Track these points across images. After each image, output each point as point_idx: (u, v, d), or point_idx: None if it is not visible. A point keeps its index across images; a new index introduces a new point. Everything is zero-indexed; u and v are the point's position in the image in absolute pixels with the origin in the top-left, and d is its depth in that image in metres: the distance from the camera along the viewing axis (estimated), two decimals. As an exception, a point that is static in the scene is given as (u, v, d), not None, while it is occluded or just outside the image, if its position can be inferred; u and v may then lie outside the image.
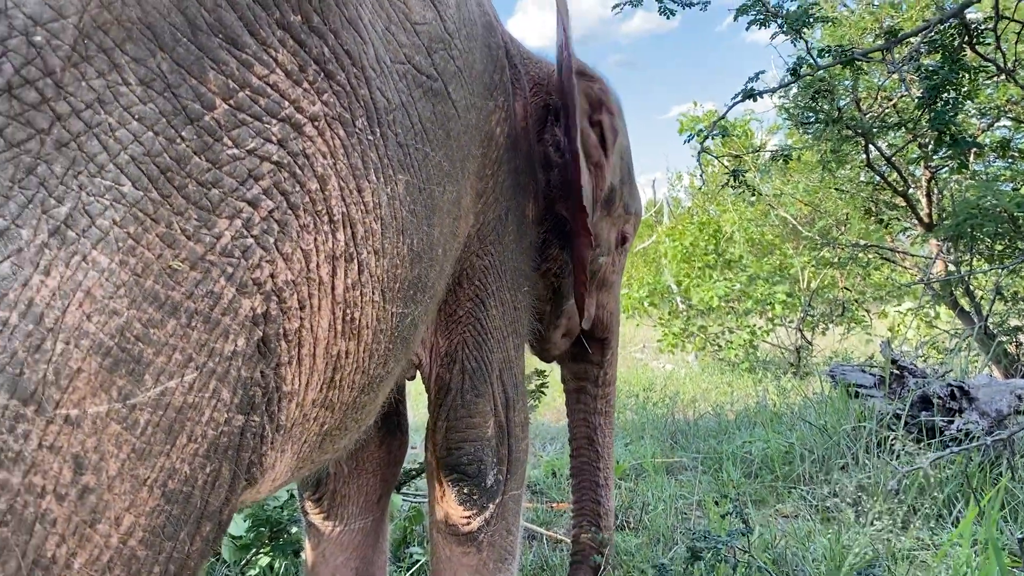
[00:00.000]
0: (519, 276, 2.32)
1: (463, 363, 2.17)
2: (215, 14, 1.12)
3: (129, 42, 1.03)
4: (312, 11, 1.26)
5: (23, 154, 0.94)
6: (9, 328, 0.93)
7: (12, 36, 0.93)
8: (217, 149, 1.13)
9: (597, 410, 3.19)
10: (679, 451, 6.26)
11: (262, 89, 1.18)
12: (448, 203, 1.76)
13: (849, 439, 5.22)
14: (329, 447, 1.65)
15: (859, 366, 6.09)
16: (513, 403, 2.31)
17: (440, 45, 1.68)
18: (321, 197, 1.29)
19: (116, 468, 1.05)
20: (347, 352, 1.45)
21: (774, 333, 11.83)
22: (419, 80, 1.58)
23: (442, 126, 1.67)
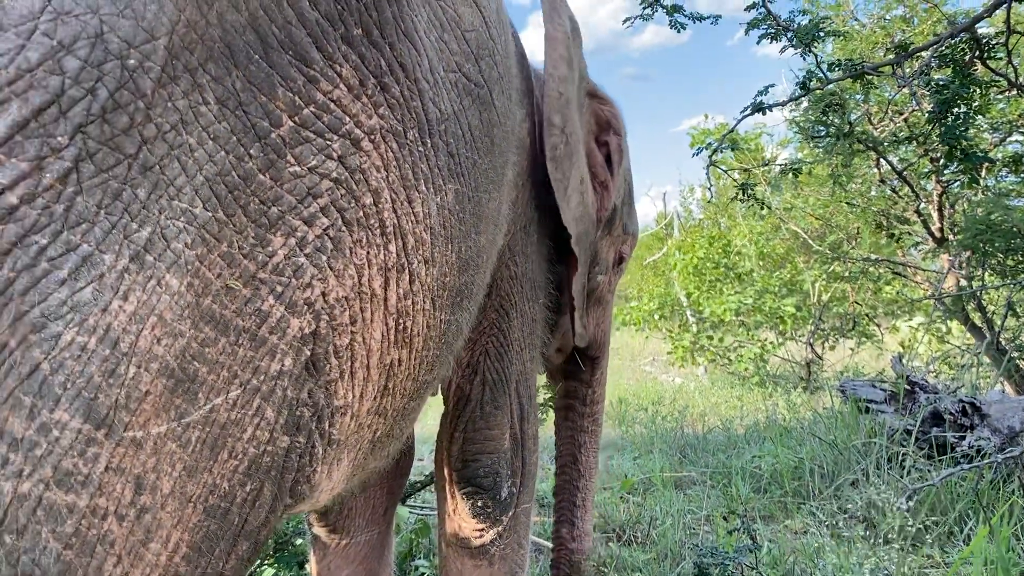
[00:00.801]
0: (537, 288, 2.31)
1: (484, 374, 2.16)
2: (286, 31, 1.12)
3: (211, 61, 1.04)
4: (372, 24, 1.26)
5: (111, 179, 0.94)
6: (88, 353, 0.94)
7: (108, 60, 0.92)
8: (280, 167, 1.13)
9: (583, 428, 3.18)
10: (688, 465, 6.23)
11: (326, 105, 1.19)
12: (492, 211, 1.76)
13: (859, 455, 5.19)
14: (378, 453, 1.65)
15: (870, 381, 6.06)
16: (527, 415, 2.31)
17: (486, 52, 1.68)
18: (374, 211, 1.29)
19: (169, 487, 1.06)
20: (400, 360, 1.46)
21: (784, 347, 11.77)
22: (468, 88, 1.59)
23: (487, 133, 1.67)
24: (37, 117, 0.88)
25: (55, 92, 0.89)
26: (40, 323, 0.90)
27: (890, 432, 5.14)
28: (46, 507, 0.92)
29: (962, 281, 6.59)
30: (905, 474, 4.77)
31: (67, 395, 0.93)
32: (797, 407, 8.12)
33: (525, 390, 2.29)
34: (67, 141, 0.90)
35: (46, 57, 0.88)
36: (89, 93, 0.91)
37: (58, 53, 0.89)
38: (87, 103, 0.91)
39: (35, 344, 0.90)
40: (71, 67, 0.89)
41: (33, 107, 0.88)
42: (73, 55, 0.90)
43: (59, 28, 0.89)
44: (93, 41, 0.91)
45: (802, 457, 5.48)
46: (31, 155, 0.88)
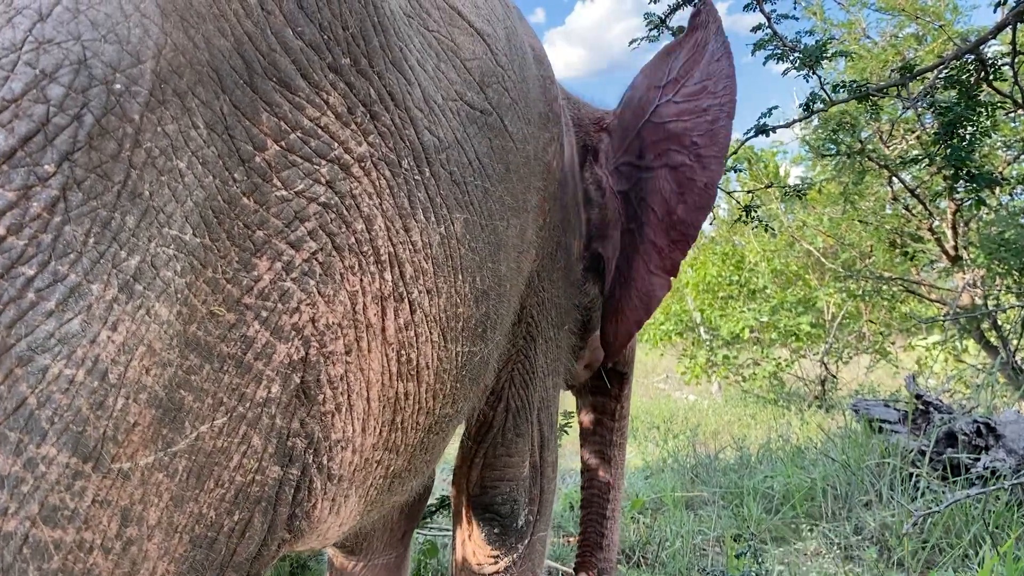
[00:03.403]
0: (564, 314, 2.30)
1: (508, 401, 2.14)
2: (270, 58, 1.12)
3: (200, 85, 1.03)
4: (360, 54, 1.27)
5: (100, 207, 0.93)
6: (76, 386, 0.93)
7: (92, 86, 0.92)
8: (266, 190, 1.13)
9: (612, 442, 3.17)
10: (699, 485, 6.18)
11: (313, 131, 1.19)
12: (513, 238, 1.75)
13: (873, 475, 5.13)
14: (398, 488, 1.63)
15: (883, 401, 6.00)
16: (547, 442, 2.29)
17: (493, 79, 1.67)
18: (367, 237, 1.28)
19: (156, 517, 1.05)
20: (407, 393, 1.43)
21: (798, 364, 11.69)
22: (473, 116, 1.58)
23: (501, 160, 1.67)
24: (23, 146, 0.88)
25: (40, 120, 0.88)
26: (27, 356, 0.90)
27: (904, 453, 5.08)
28: (32, 545, 0.91)
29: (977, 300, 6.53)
30: (919, 495, 4.71)
31: (54, 429, 0.92)
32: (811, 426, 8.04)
33: (547, 417, 2.28)
34: (54, 169, 0.90)
35: (30, 86, 0.88)
36: (75, 120, 0.90)
37: (41, 81, 0.88)
38: (73, 130, 0.90)
39: (22, 378, 0.89)
40: (55, 94, 0.89)
41: (19, 136, 0.87)
42: (56, 82, 0.89)
43: (42, 57, 0.89)
44: (76, 67, 0.91)
45: (815, 478, 5.42)
46: (17, 184, 0.88)
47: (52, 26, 0.90)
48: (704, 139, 2.39)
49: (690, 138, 2.42)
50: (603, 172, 2.58)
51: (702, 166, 2.38)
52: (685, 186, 2.41)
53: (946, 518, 4.35)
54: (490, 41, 1.69)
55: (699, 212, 2.41)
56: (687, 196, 2.41)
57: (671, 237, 2.45)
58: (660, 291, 2.50)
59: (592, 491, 3.17)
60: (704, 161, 2.37)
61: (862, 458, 5.35)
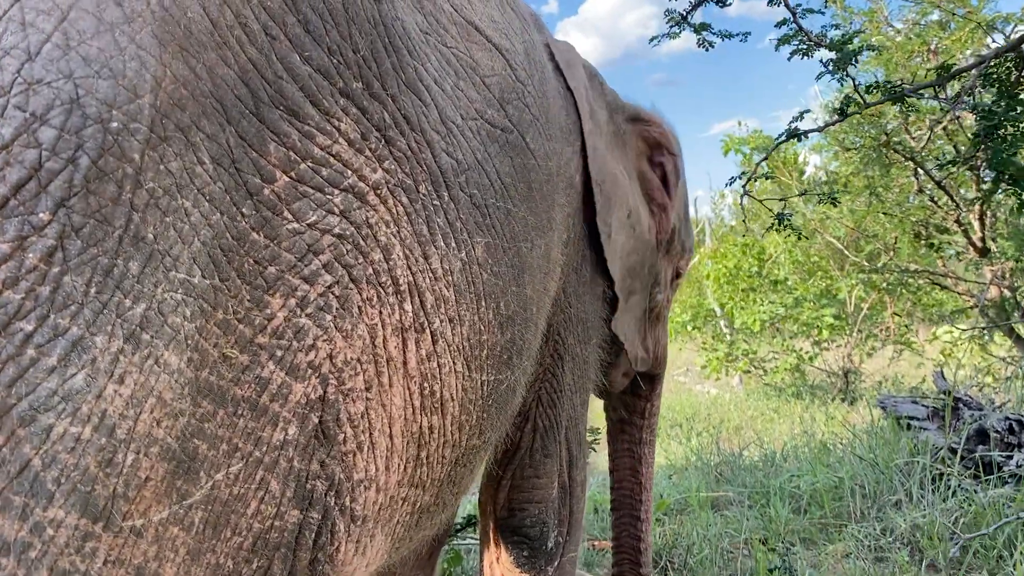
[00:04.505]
0: (590, 329, 2.24)
1: (535, 421, 2.08)
2: (276, 86, 1.07)
3: (204, 118, 0.97)
4: (372, 77, 1.21)
5: (101, 255, 0.88)
6: (82, 444, 0.87)
7: (87, 126, 0.85)
8: (276, 224, 1.07)
9: (643, 440, 3.12)
10: (724, 484, 6.10)
11: (324, 159, 1.13)
12: (538, 259, 1.69)
13: (902, 474, 5.03)
14: (426, 523, 1.57)
15: (911, 397, 5.89)
16: (576, 461, 2.24)
17: (513, 95, 1.61)
18: (385, 267, 1.23)
19: (172, 573, 1.00)
20: (432, 427, 1.38)
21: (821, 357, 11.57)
22: (494, 134, 1.52)
23: (523, 179, 1.61)
24: (15, 195, 0.82)
25: (32, 166, 0.82)
26: (29, 416, 0.84)
27: (933, 451, 4.99)
28: None
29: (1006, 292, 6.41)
30: (950, 495, 4.62)
31: (61, 490, 0.86)
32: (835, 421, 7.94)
33: (575, 436, 2.22)
34: (49, 217, 0.84)
35: (20, 131, 0.82)
36: (69, 163, 0.84)
37: (32, 125, 0.82)
38: (68, 175, 0.84)
39: (24, 439, 0.84)
40: (47, 138, 0.83)
41: (10, 184, 0.81)
42: (48, 125, 0.83)
43: (31, 99, 0.83)
44: (69, 107, 0.84)
45: (842, 477, 5.33)
46: (11, 235, 0.82)
47: (42, 65, 0.84)
48: None
49: None
50: None
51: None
52: None
53: (979, 518, 4.26)
54: (509, 56, 1.62)
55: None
56: None
57: None
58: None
59: (623, 492, 3.12)
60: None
61: (890, 456, 5.26)
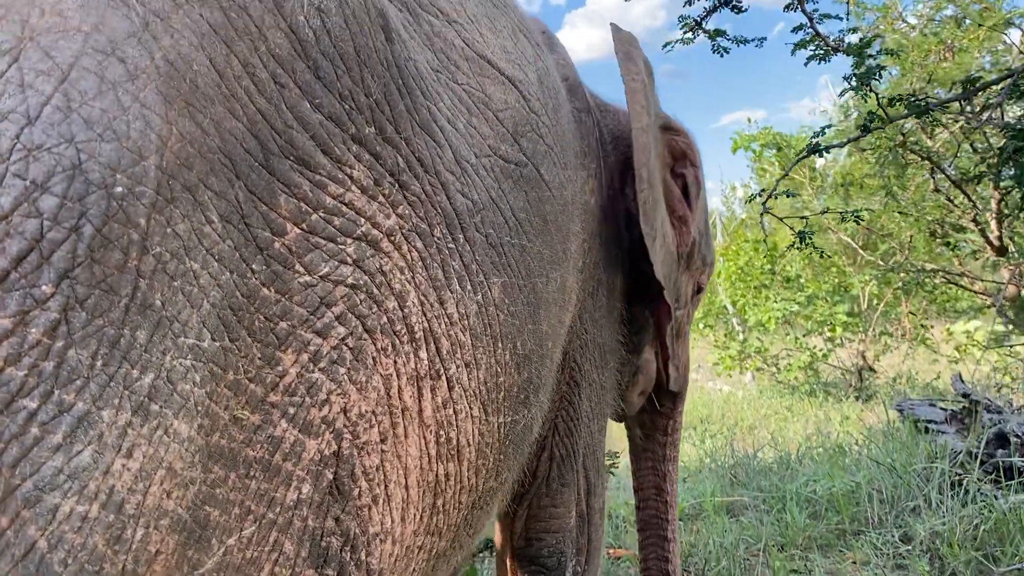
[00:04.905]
0: (607, 353, 2.20)
1: (552, 450, 2.04)
2: (286, 136, 1.03)
3: (212, 175, 0.94)
4: (385, 120, 1.17)
5: (106, 326, 0.84)
6: (90, 522, 0.83)
7: (90, 193, 0.81)
8: (287, 278, 1.03)
9: (666, 457, 3.06)
10: (739, 488, 6.05)
11: (337, 209, 1.09)
12: (553, 292, 1.65)
13: (920, 479, 4.97)
14: (442, 567, 1.54)
15: (928, 400, 5.83)
16: (594, 489, 2.19)
17: (527, 127, 1.57)
18: (400, 315, 1.19)
19: None
20: (448, 475, 1.35)
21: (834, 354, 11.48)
22: (508, 170, 1.48)
23: (538, 212, 1.57)
24: (16, 267, 0.78)
25: (34, 237, 0.78)
26: (34, 497, 0.80)
27: (952, 455, 4.92)
28: None
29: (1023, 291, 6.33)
30: (970, 501, 4.56)
31: (69, 572, 0.82)
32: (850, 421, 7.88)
33: (593, 463, 2.18)
34: (52, 290, 0.80)
35: (20, 200, 0.78)
36: (72, 232, 0.80)
37: (33, 193, 0.78)
38: (71, 244, 0.80)
39: (30, 521, 0.80)
40: (48, 206, 0.79)
41: (11, 256, 0.78)
42: (49, 193, 0.79)
43: (31, 166, 0.79)
44: (71, 174, 0.80)
45: (859, 481, 5.27)
46: (13, 310, 0.78)
47: (42, 129, 0.80)
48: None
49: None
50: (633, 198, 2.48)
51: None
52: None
53: (1000, 525, 4.20)
54: (522, 87, 1.58)
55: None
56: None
57: None
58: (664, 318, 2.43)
59: (649, 511, 3.05)
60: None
61: (908, 460, 5.20)
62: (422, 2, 1.38)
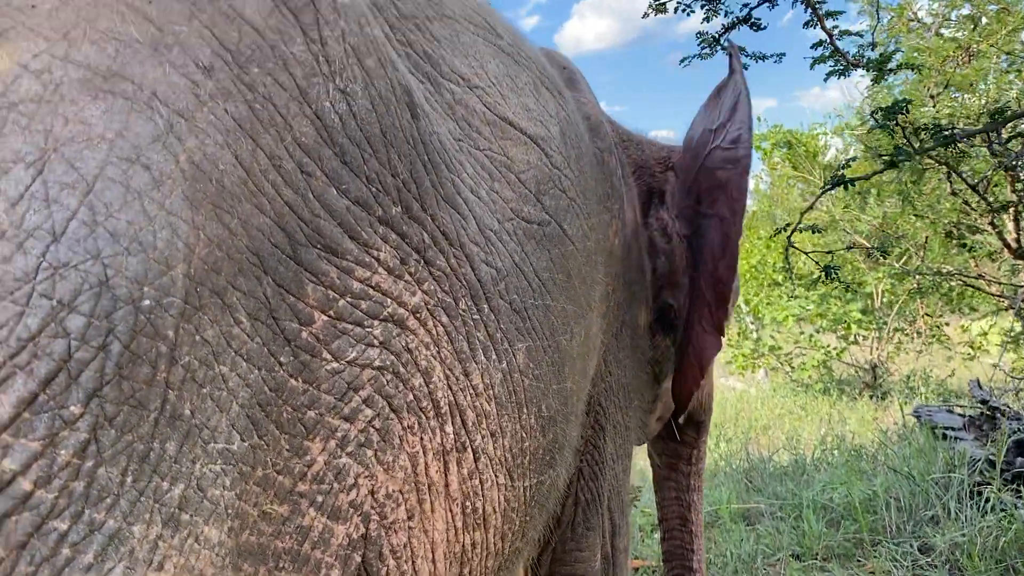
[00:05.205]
0: (631, 393, 2.16)
1: (577, 495, 2.00)
2: (313, 224, 1.00)
3: (240, 275, 0.92)
4: (412, 198, 1.15)
5: (136, 441, 0.82)
6: None
7: (117, 309, 0.80)
8: (315, 367, 1.01)
9: (691, 487, 3.00)
10: (755, 494, 6.02)
11: (364, 292, 1.07)
12: (577, 347, 1.62)
13: (939, 487, 4.93)
14: None
15: (946, 406, 5.78)
16: (618, 529, 2.16)
17: (549, 184, 1.54)
18: (426, 391, 1.17)
19: None
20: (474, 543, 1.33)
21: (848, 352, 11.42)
22: (531, 231, 1.45)
23: (561, 269, 1.54)
24: (45, 389, 0.76)
25: (61, 358, 0.77)
26: None
27: (971, 462, 4.88)
28: None
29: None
30: (989, 509, 4.52)
31: None
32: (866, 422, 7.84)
33: (617, 504, 2.14)
34: (81, 410, 0.78)
35: (47, 321, 0.76)
36: (100, 351, 0.79)
37: (60, 313, 0.77)
38: (99, 363, 0.79)
39: None
40: (75, 326, 0.77)
41: (39, 379, 0.76)
42: (76, 312, 0.78)
43: (58, 285, 0.77)
44: (97, 291, 0.79)
45: (876, 489, 5.23)
46: (42, 433, 0.76)
47: (67, 246, 0.78)
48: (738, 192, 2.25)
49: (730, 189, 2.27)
50: (669, 216, 2.42)
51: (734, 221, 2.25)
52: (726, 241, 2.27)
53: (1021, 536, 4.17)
54: (544, 144, 1.55)
55: (732, 271, 2.28)
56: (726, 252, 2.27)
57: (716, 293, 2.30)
58: (711, 350, 2.34)
59: (674, 542, 3.00)
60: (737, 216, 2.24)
61: (926, 468, 5.16)
62: (443, 70, 1.35)
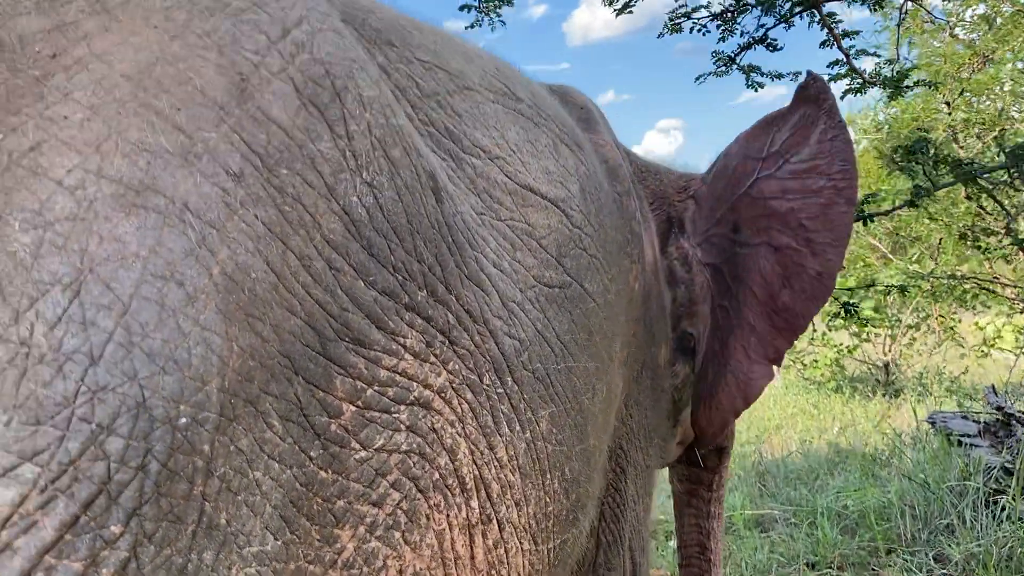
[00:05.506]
0: (652, 431, 2.14)
1: (599, 536, 1.98)
2: (342, 319, 1.01)
3: (272, 380, 0.93)
4: (437, 281, 1.15)
5: (174, 555, 0.84)
6: None
7: (155, 429, 0.81)
8: (344, 457, 1.02)
9: (710, 514, 2.96)
10: (768, 499, 6.02)
11: (390, 379, 1.07)
12: (600, 403, 1.61)
13: (954, 495, 4.92)
14: None
15: (961, 412, 5.76)
16: (639, 568, 2.15)
17: (570, 246, 1.53)
18: (451, 469, 1.18)
19: None
20: None
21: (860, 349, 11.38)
22: (552, 295, 1.44)
23: (583, 328, 1.53)
24: (86, 511, 0.78)
25: (101, 480, 0.78)
26: None
27: (986, 469, 4.86)
28: None
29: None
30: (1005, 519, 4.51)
31: None
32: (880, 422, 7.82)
33: (638, 543, 2.13)
34: (121, 529, 0.79)
35: (87, 444, 0.78)
36: (139, 471, 0.80)
37: (99, 436, 0.78)
38: (138, 483, 0.80)
39: None
40: (115, 449, 0.79)
41: (80, 501, 0.77)
42: (115, 435, 0.79)
43: (97, 408, 0.78)
44: (135, 413, 0.80)
45: (891, 497, 5.22)
46: (83, 554, 0.78)
47: (105, 369, 0.79)
48: (816, 223, 2.18)
49: (798, 219, 2.21)
50: (689, 244, 2.39)
51: (813, 252, 2.17)
52: (792, 271, 2.21)
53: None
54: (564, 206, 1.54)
55: (811, 302, 2.20)
56: (794, 282, 2.20)
57: (774, 323, 2.24)
58: (761, 380, 2.28)
59: (692, 570, 2.93)
60: (816, 247, 2.17)
61: (941, 476, 5.14)
62: (464, 144, 1.35)
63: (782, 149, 2.28)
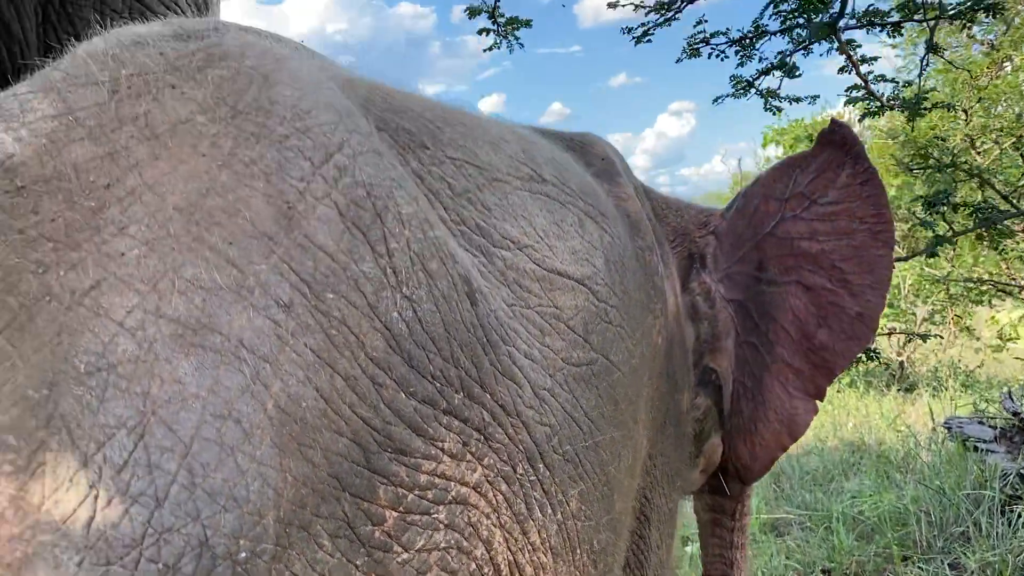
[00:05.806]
0: (675, 475, 2.16)
1: None
2: (385, 432, 1.03)
3: (323, 503, 0.95)
4: (473, 382, 1.17)
5: None
6: None
7: (216, 566, 0.84)
8: (387, 562, 1.04)
9: (734, 543, 2.95)
10: (783, 501, 6.06)
11: (430, 483, 1.10)
12: (626, 468, 1.63)
13: (969, 502, 4.94)
14: None
15: (977, 418, 5.77)
16: None
17: (596, 322, 1.53)
18: (487, 558, 1.20)
19: None
20: None
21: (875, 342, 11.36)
22: (579, 374, 1.45)
23: (609, 399, 1.53)
24: None
25: None
26: None
27: (1002, 476, 4.89)
28: None
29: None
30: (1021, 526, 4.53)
31: None
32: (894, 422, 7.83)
33: None
34: None
35: None
36: None
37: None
38: None
39: None
40: None
41: None
42: (180, 573, 0.82)
43: (163, 549, 0.82)
44: (198, 552, 0.83)
45: (906, 503, 5.25)
46: None
47: (170, 510, 0.83)
48: (851, 264, 2.17)
49: (830, 260, 2.21)
50: (711, 280, 2.41)
51: (851, 294, 2.18)
52: (828, 311, 2.21)
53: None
54: (590, 283, 1.54)
55: (851, 341, 2.20)
56: (831, 322, 2.21)
57: (812, 361, 2.25)
58: (805, 415, 2.29)
59: None
60: (855, 288, 2.17)
61: (957, 482, 5.17)
62: (494, 238, 1.36)
63: (807, 191, 2.28)
